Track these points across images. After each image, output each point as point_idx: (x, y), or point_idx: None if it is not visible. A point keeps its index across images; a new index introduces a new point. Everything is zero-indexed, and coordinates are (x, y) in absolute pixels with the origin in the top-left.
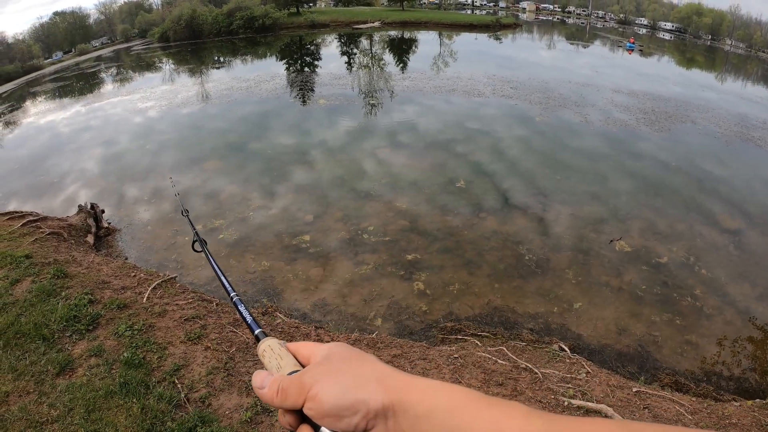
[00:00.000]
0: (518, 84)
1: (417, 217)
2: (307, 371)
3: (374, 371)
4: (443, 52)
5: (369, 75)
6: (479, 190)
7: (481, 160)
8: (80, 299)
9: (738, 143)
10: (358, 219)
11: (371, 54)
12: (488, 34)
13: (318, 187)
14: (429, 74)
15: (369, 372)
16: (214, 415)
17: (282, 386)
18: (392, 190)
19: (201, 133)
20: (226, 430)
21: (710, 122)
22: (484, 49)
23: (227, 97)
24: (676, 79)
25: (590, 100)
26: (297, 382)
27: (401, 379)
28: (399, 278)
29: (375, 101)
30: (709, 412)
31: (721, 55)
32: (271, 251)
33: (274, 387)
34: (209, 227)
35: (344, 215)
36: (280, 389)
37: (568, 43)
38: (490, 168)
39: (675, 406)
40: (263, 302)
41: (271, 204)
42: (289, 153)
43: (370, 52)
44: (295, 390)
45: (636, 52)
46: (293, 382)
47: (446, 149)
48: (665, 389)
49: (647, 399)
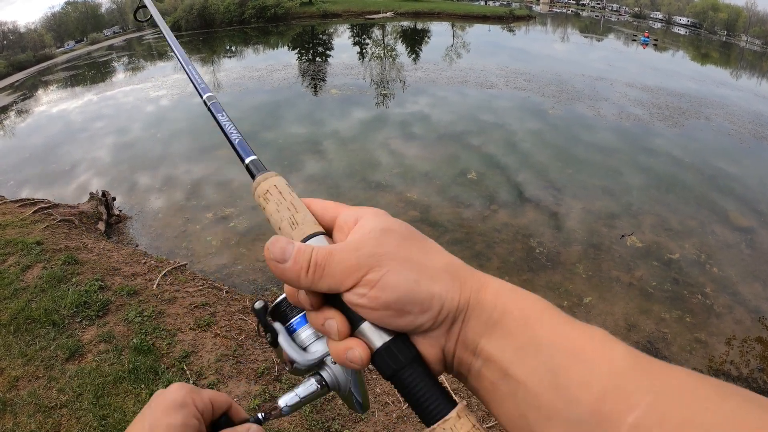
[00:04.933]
0: (531, 76)
1: (428, 208)
2: (360, 245)
3: (443, 260)
4: (456, 43)
5: (381, 65)
6: (491, 182)
7: (493, 153)
8: (90, 285)
9: (752, 141)
10: None
11: (383, 44)
12: (501, 26)
13: (329, 177)
14: (442, 65)
15: (438, 260)
16: None
17: (317, 260)
18: (404, 180)
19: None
20: None
21: (724, 119)
22: (497, 40)
23: (239, 86)
24: (691, 75)
25: (604, 94)
26: (345, 258)
27: (474, 274)
28: None
29: (387, 92)
30: None
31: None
32: None
33: (304, 260)
34: (220, 215)
35: (355, 205)
36: (314, 264)
37: (582, 36)
38: (503, 160)
39: None
40: (273, 290)
41: None
42: (300, 142)
43: (383, 43)
44: (343, 269)
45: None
46: (336, 257)
47: (458, 141)
48: None
49: None
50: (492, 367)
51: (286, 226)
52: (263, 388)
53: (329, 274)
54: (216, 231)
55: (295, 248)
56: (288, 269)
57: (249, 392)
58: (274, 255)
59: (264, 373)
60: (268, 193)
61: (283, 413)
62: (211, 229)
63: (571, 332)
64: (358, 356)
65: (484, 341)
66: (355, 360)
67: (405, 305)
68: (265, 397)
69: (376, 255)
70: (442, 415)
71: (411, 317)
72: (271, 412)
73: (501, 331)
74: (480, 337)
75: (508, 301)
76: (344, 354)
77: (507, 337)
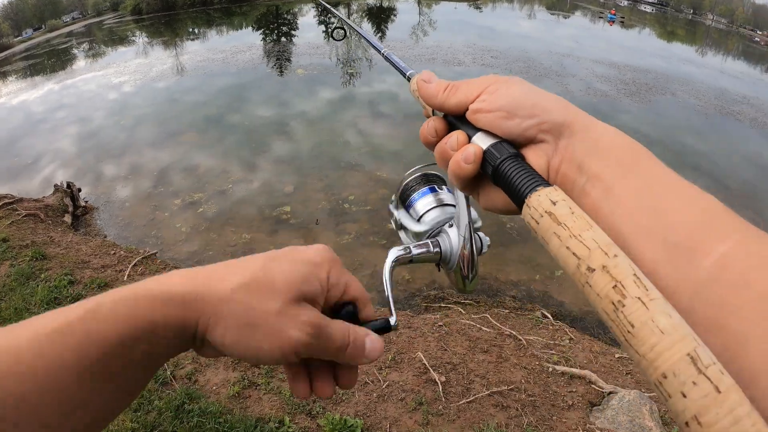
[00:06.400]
0: (498, 53)
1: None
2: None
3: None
4: (422, 21)
5: (347, 44)
6: None
7: None
8: (60, 281)
9: (717, 117)
10: (339, 189)
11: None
12: (468, 4)
13: (298, 158)
14: (408, 43)
15: (552, 96)
16: (201, 392)
17: (454, 83)
18: (373, 159)
19: (177, 106)
20: (214, 405)
21: (690, 95)
22: (464, 18)
23: (203, 69)
24: (657, 52)
25: (571, 71)
26: (474, 80)
27: (581, 111)
28: (381, 247)
29: (354, 71)
30: None
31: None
32: (252, 223)
33: (443, 83)
34: (188, 201)
35: (325, 185)
36: (451, 85)
37: (549, 14)
38: None
39: None
40: None
41: (251, 176)
42: (267, 124)
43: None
44: (472, 87)
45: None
46: (469, 81)
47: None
48: None
49: (629, 365)
50: (596, 184)
51: None
52: (241, 375)
53: (462, 89)
54: (185, 217)
55: (438, 79)
56: (431, 86)
57: (227, 379)
58: (423, 76)
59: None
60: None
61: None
62: (180, 216)
63: (672, 173)
64: (473, 152)
65: (590, 160)
66: (469, 157)
67: (515, 108)
68: (244, 384)
69: (499, 79)
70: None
71: (518, 120)
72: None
73: (607, 154)
74: (586, 156)
75: (616, 135)
76: (461, 155)
77: (613, 160)
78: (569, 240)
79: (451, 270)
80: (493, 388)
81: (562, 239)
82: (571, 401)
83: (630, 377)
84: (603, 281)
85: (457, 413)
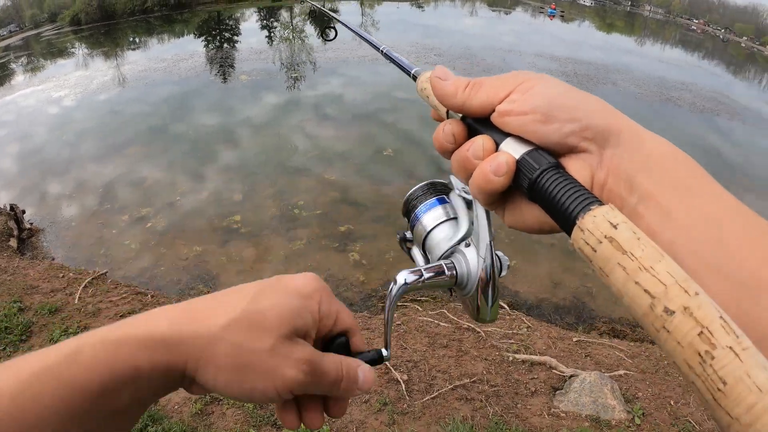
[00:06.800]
0: (442, 51)
1: (347, 188)
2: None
3: (597, 98)
4: (365, 21)
5: (291, 48)
6: (408, 157)
7: (408, 128)
8: (9, 309)
9: (658, 104)
10: (288, 194)
11: (292, 26)
12: (410, 3)
13: (245, 166)
14: (352, 45)
15: (592, 97)
16: (163, 412)
17: (475, 80)
18: (321, 162)
19: (121, 118)
20: (177, 425)
21: (631, 84)
22: (406, 17)
23: (145, 80)
24: (597, 44)
25: (513, 66)
26: (501, 76)
27: (625, 116)
28: (334, 250)
29: (298, 74)
30: (648, 355)
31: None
32: (202, 235)
33: (463, 80)
34: (136, 216)
35: (274, 192)
36: (472, 83)
37: (491, 10)
38: (418, 135)
39: (614, 351)
40: (199, 288)
41: (199, 187)
42: (213, 133)
43: (291, 25)
44: (499, 83)
45: (557, 18)
46: (493, 78)
47: (373, 119)
48: (603, 336)
49: (587, 347)
50: (650, 205)
51: None
52: None
53: (487, 88)
54: (134, 233)
55: (455, 76)
56: (446, 85)
57: (189, 398)
58: (438, 73)
59: None
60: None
61: (398, 291)
62: (129, 232)
63: (729, 196)
64: (504, 162)
65: (642, 175)
66: (500, 168)
67: (553, 110)
68: (206, 400)
69: (532, 76)
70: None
71: (557, 124)
72: (386, 331)
73: (662, 169)
74: (637, 171)
75: (669, 147)
76: (488, 167)
77: (668, 177)
78: (638, 273)
79: (467, 296)
80: (456, 382)
81: (628, 272)
82: (533, 388)
83: (589, 359)
84: (686, 326)
85: (422, 410)
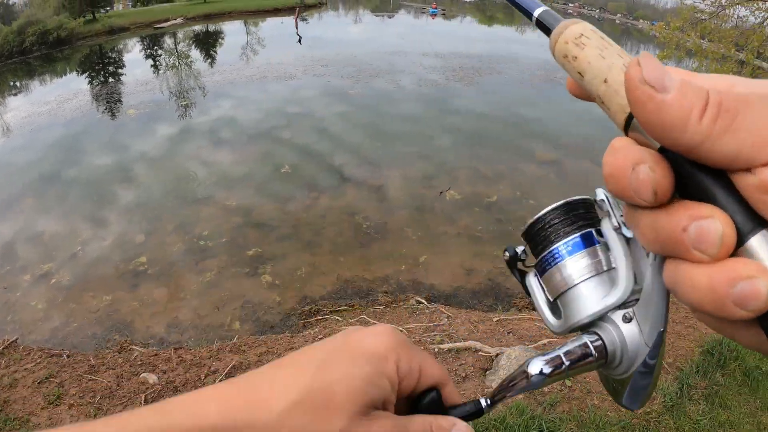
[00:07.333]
0: (329, 61)
1: (250, 211)
2: None
3: None
4: (251, 40)
5: (177, 75)
6: (307, 171)
7: (304, 142)
8: None
9: (544, 85)
10: (192, 226)
11: (177, 53)
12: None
13: (145, 203)
14: (239, 65)
15: None
16: None
17: (721, 102)
18: (221, 188)
19: (8, 170)
20: None
21: (516, 71)
22: (292, 31)
23: (30, 125)
24: (481, 37)
25: (400, 67)
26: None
27: None
28: (245, 276)
29: (188, 101)
30: None
31: None
32: (110, 283)
33: (696, 96)
34: (38, 274)
35: (176, 226)
36: (715, 105)
37: (374, 16)
38: (315, 148)
39: (534, 323)
40: (115, 339)
41: (100, 232)
42: (108, 173)
43: (176, 51)
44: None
45: (439, 17)
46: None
47: (269, 137)
48: (522, 311)
49: (508, 324)
50: None
51: (620, 74)
52: None
53: (743, 127)
54: (39, 293)
55: (679, 77)
56: (669, 101)
57: None
58: (650, 75)
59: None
60: (583, 37)
61: (530, 386)
62: (34, 292)
63: None
64: (762, 289)
65: None
66: (754, 297)
67: None
68: None
69: None
70: None
71: None
72: (502, 393)
73: None
74: None
75: None
76: (725, 285)
77: None
78: None
79: (622, 377)
80: None
81: None
82: (464, 373)
83: (512, 335)
84: None
85: None
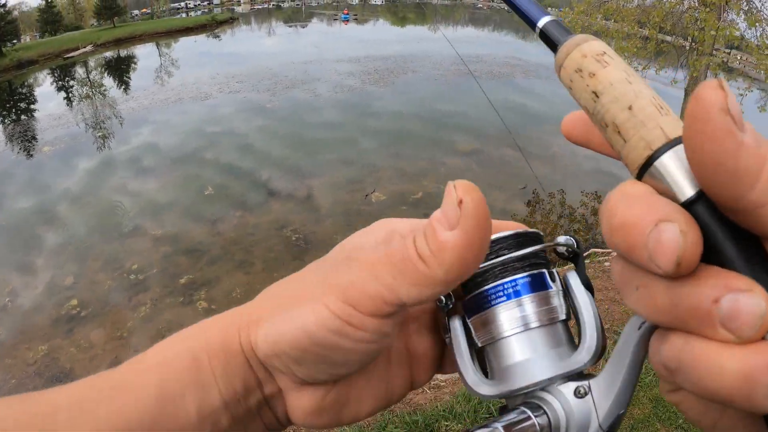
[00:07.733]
0: (244, 77)
1: (178, 238)
2: None
3: None
4: (164, 62)
5: (92, 105)
6: (232, 190)
7: (228, 161)
8: None
9: (457, 79)
10: (120, 260)
11: (90, 82)
12: (207, 34)
13: (73, 242)
14: (154, 89)
15: None
16: None
17: None
18: (146, 218)
19: None
20: None
21: (430, 68)
22: (205, 49)
23: None
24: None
25: (316, 75)
26: None
27: None
28: (180, 305)
29: (104, 132)
30: None
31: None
32: (44, 331)
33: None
34: None
35: (104, 262)
36: None
37: (287, 27)
38: (239, 165)
39: None
40: None
41: (28, 280)
42: (30, 215)
43: (89, 80)
44: None
45: (352, 22)
46: None
47: (192, 160)
48: None
49: None
50: None
51: (649, 106)
52: None
53: None
54: None
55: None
56: (748, 144)
57: None
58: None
59: None
60: (606, 56)
61: None
62: None
63: None
64: None
65: None
66: None
67: None
68: None
69: None
70: None
71: None
72: None
73: None
74: None
75: None
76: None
77: None
78: None
79: None
80: None
81: None
82: None
83: None
84: None
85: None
